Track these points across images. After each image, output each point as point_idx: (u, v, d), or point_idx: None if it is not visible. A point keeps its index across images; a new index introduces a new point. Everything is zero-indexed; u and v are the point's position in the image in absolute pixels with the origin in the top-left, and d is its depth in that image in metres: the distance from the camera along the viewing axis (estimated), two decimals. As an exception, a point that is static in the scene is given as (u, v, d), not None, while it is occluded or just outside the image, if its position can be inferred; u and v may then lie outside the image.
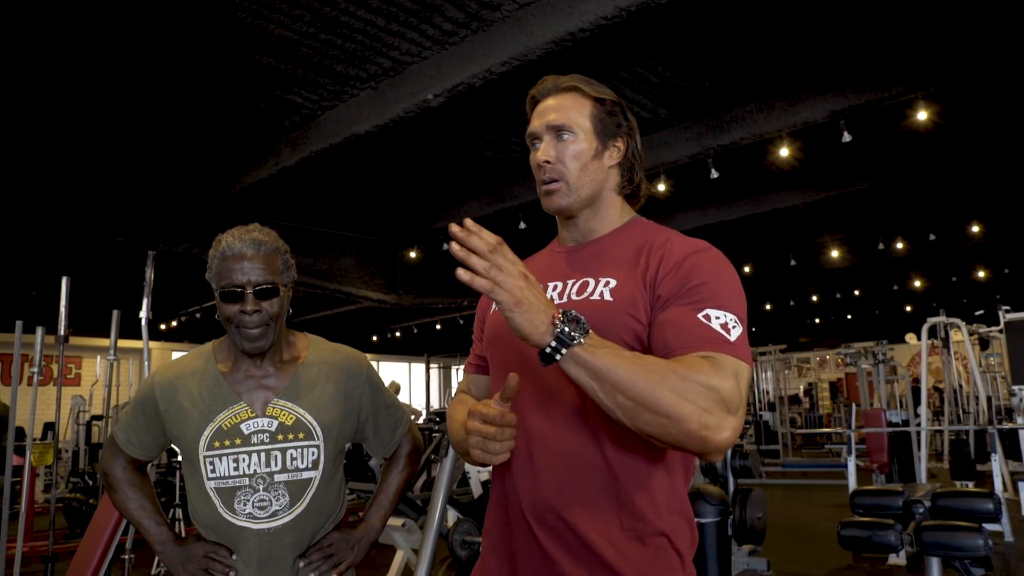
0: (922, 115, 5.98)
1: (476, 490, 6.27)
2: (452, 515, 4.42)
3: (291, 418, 1.66)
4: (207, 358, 1.72)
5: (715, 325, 1.20)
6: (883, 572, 5.51)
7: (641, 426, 1.13)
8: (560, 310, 1.11)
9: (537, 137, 1.43)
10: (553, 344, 1.09)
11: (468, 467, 6.67)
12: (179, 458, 6.55)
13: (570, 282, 1.39)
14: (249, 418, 1.64)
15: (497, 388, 1.40)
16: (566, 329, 1.09)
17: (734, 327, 1.21)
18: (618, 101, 1.45)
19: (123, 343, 5.20)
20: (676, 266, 1.28)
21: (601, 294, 1.32)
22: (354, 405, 1.75)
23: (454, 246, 1.09)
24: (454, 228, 1.10)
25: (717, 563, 3.99)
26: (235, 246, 1.62)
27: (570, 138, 1.40)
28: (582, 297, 1.34)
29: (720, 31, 5.24)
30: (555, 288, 1.41)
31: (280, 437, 1.64)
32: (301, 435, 1.65)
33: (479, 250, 1.09)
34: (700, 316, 1.21)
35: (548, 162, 1.40)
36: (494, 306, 1.46)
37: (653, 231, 1.42)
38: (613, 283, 1.33)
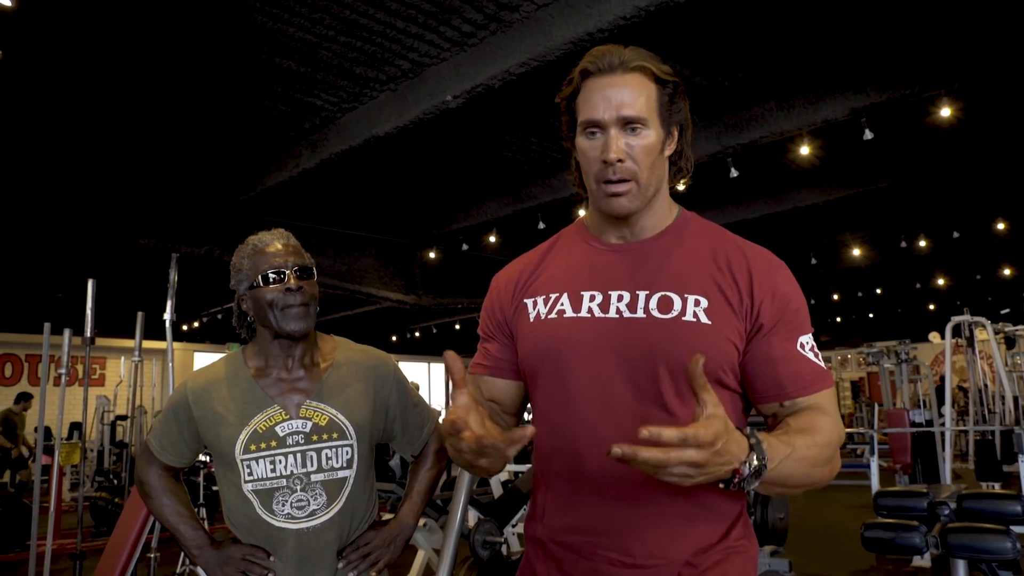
0: (945, 112, 5.91)
1: (496, 490, 6.28)
2: (472, 515, 4.42)
3: (324, 419, 1.68)
4: (237, 363, 1.74)
5: (809, 354, 1.24)
6: (907, 574, 5.46)
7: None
8: (744, 464, 1.01)
9: (600, 127, 1.22)
10: (731, 487, 1.05)
11: (488, 467, 6.67)
12: (202, 459, 6.62)
13: (642, 294, 1.25)
14: (283, 420, 1.67)
15: (561, 406, 1.29)
16: (746, 481, 1.03)
17: (815, 347, 1.26)
18: (679, 81, 1.27)
19: (146, 344, 5.26)
20: (771, 292, 1.24)
21: (696, 316, 1.21)
22: (383, 404, 1.78)
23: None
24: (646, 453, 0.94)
25: (739, 564, 3.97)
26: (266, 239, 1.70)
27: (643, 131, 1.22)
28: (670, 316, 1.22)
29: (739, 30, 5.22)
30: (621, 299, 1.26)
31: (315, 438, 1.67)
32: (335, 435, 1.68)
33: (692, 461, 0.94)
34: (798, 348, 1.24)
35: (621, 160, 1.21)
36: (532, 313, 1.35)
37: (715, 235, 1.32)
38: (705, 303, 1.22)
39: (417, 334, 18.13)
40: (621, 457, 0.92)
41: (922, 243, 11.10)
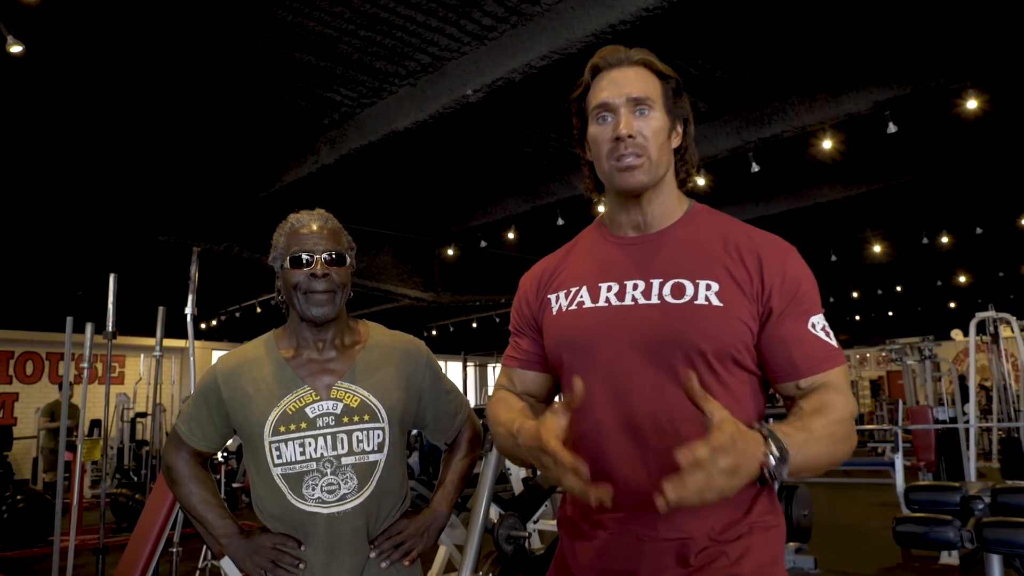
0: (971, 104, 5.81)
1: (517, 487, 6.25)
2: (493, 511, 4.40)
3: (356, 400, 1.65)
4: (268, 345, 1.72)
5: (820, 334, 1.29)
6: (935, 571, 5.38)
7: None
8: (767, 455, 1.07)
9: (610, 109, 1.34)
10: (764, 482, 1.10)
11: (508, 464, 6.65)
12: (220, 456, 6.64)
13: (655, 282, 1.33)
14: (314, 401, 1.63)
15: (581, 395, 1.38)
16: (775, 471, 1.08)
17: (827, 327, 1.31)
18: (679, 80, 1.39)
19: (165, 342, 5.27)
20: (781, 275, 1.29)
21: (708, 299, 1.28)
22: (415, 389, 1.75)
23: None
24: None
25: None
26: (303, 219, 1.68)
27: (650, 113, 1.33)
28: (683, 300, 1.29)
29: (761, 22, 5.16)
30: (636, 287, 1.34)
31: (345, 419, 1.63)
32: (366, 417, 1.64)
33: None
34: (809, 328, 1.28)
35: (631, 136, 1.31)
36: (555, 307, 1.43)
37: (725, 224, 1.39)
38: (716, 287, 1.29)
39: (434, 332, 18.12)
40: (673, 506, 0.99)
41: (944, 239, 10.94)
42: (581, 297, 1.39)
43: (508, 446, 1.33)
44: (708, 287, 1.28)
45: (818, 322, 1.29)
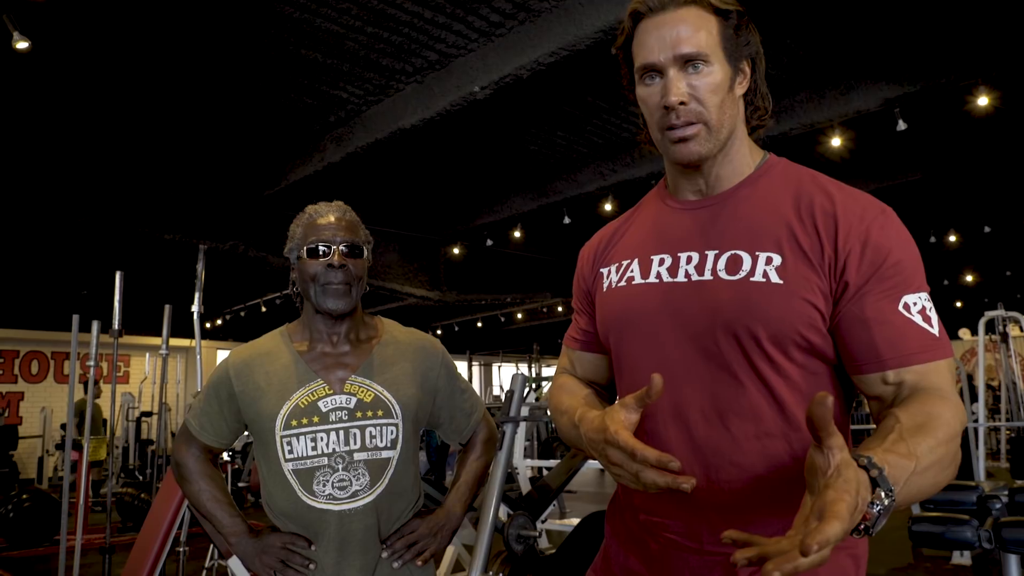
0: (982, 101, 5.76)
1: (524, 486, 6.22)
2: (502, 511, 4.36)
3: (370, 395, 1.62)
4: (282, 339, 1.69)
5: (916, 318, 1.07)
6: (946, 571, 5.35)
7: None
8: (872, 505, 0.83)
9: (657, 69, 1.13)
10: (859, 534, 0.85)
11: (516, 462, 6.63)
12: (226, 456, 6.61)
13: (710, 254, 1.15)
14: (327, 395, 1.60)
15: (629, 378, 1.25)
16: (878, 522, 0.85)
17: (930, 310, 1.08)
18: (743, 10, 1.16)
19: (170, 341, 5.24)
20: (861, 242, 1.07)
21: (766, 274, 1.09)
22: (430, 387, 1.72)
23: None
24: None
25: (775, 561, 3.89)
26: (322, 210, 1.66)
27: (705, 68, 1.12)
28: (738, 276, 1.11)
29: (770, 18, 5.12)
30: (690, 261, 1.17)
31: (359, 414, 1.60)
32: (380, 412, 1.61)
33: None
34: (900, 308, 1.06)
35: (684, 103, 1.11)
36: (606, 282, 1.30)
37: (802, 180, 1.18)
38: (777, 260, 1.10)
39: (439, 332, 18.11)
40: None
41: (952, 238, 10.88)
42: (631, 272, 1.24)
43: (572, 437, 1.20)
44: (768, 260, 1.10)
45: (915, 303, 1.07)
